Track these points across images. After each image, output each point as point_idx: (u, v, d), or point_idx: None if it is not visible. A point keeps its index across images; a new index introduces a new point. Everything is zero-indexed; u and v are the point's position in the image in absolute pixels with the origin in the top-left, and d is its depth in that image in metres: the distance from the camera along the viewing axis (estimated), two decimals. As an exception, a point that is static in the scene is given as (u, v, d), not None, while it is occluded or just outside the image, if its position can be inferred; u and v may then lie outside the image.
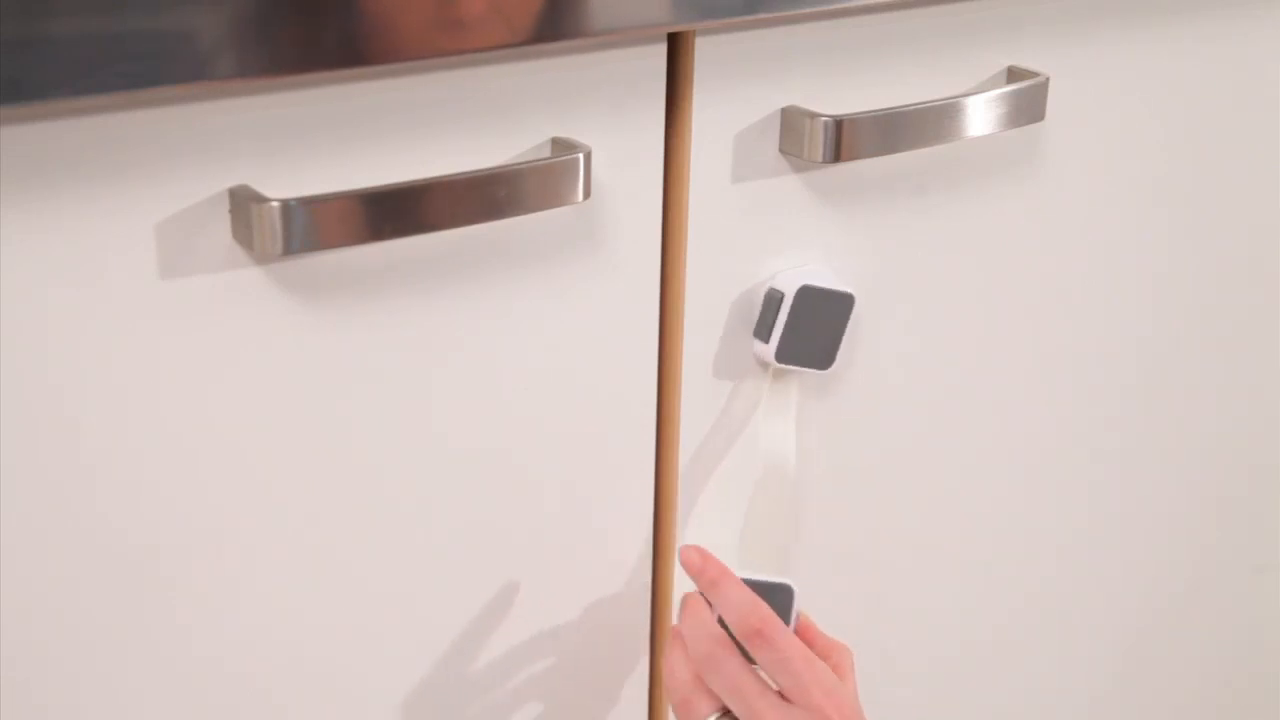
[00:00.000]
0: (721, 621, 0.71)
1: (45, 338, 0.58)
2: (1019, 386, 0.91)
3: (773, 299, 0.75)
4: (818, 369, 0.77)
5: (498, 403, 0.70)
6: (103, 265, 0.58)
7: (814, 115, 0.72)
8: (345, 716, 0.71)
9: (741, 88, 0.72)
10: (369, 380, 0.66)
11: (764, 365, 0.77)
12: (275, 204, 0.58)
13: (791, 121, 0.73)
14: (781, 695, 0.69)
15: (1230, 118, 0.94)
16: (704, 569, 0.72)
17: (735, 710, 0.70)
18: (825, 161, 0.73)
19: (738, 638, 0.70)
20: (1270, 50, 0.93)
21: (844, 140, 0.72)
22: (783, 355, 0.75)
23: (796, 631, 0.73)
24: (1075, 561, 0.98)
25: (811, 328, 0.75)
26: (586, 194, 0.66)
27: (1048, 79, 0.79)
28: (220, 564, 0.65)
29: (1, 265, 0.56)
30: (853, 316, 0.77)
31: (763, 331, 0.76)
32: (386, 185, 0.61)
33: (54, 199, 0.56)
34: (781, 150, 0.74)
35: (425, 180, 0.62)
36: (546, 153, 0.67)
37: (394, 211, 0.61)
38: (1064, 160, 0.86)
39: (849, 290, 0.76)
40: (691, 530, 0.80)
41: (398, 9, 0.58)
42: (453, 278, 0.66)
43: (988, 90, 0.77)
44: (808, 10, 0.71)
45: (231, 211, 0.60)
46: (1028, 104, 0.79)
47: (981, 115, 0.77)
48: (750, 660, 0.70)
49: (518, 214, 0.65)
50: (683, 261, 0.73)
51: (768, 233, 0.76)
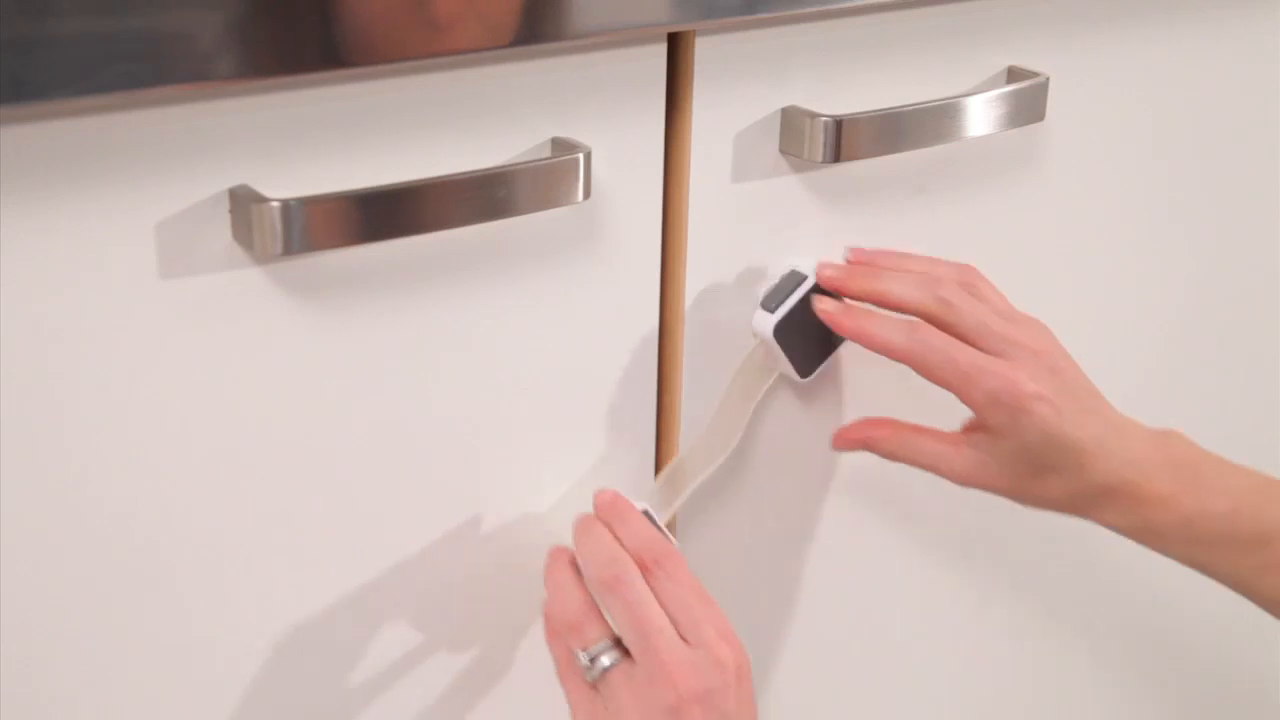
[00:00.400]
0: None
1: (45, 338, 0.58)
2: (1019, 386, 0.91)
3: (794, 277, 0.75)
4: (797, 373, 0.76)
5: (498, 402, 0.70)
6: (103, 265, 0.58)
7: (814, 115, 0.72)
8: (346, 718, 0.71)
9: (741, 88, 0.72)
10: (369, 380, 0.66)
11: (756, 337, 0.76)
12: (275, 204, 0.58)
13: (791, 121, 0.73)
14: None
15: (1230, 117, 0.94)
16: (614, 501, 0.70)
17: (629, 641, 0.66)
18: (825, 161, 0.73)
19: (639, 564, 0.67)
20: (1270, 50, 0.94)
21: (844, 140, 0.72)
22: (779, 331, 0.75)
23: None
24: (1075, 562, 0.98)
25: (813, 326, 0.75)
26: (586, 194, 0.66)
27: (1048, 79, 0.79)
28: (220, 563, 0.65)
29: (1, 265, 0.56)
30: (840, 352, 0.78)
31: (770, 303, 0.75)
32: (386, 185, 0.61)
33: (54, 199, 0.56)
34: (781, 150, 0.74)
35: (425, 180, 0.62)
36: (546, 153, 0.67)
37: (394, 212, 0.61)
38: (1064, 160, 0.86)
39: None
40: (692, 531, 0.80)
41: (398, 9, 0.58)
42: (452, 278, 0.66)
43: (988, 90, 0.77)
44: (808, 10, 0.71)
45: (231, 211, 0.60)
46: (1028, 104, 0.79)
47: (981, 115, 0.77)
48: None
49: (518, 214, 0.65)
50: (683, 261, 0.73)
51: (768, 233, 0.76)
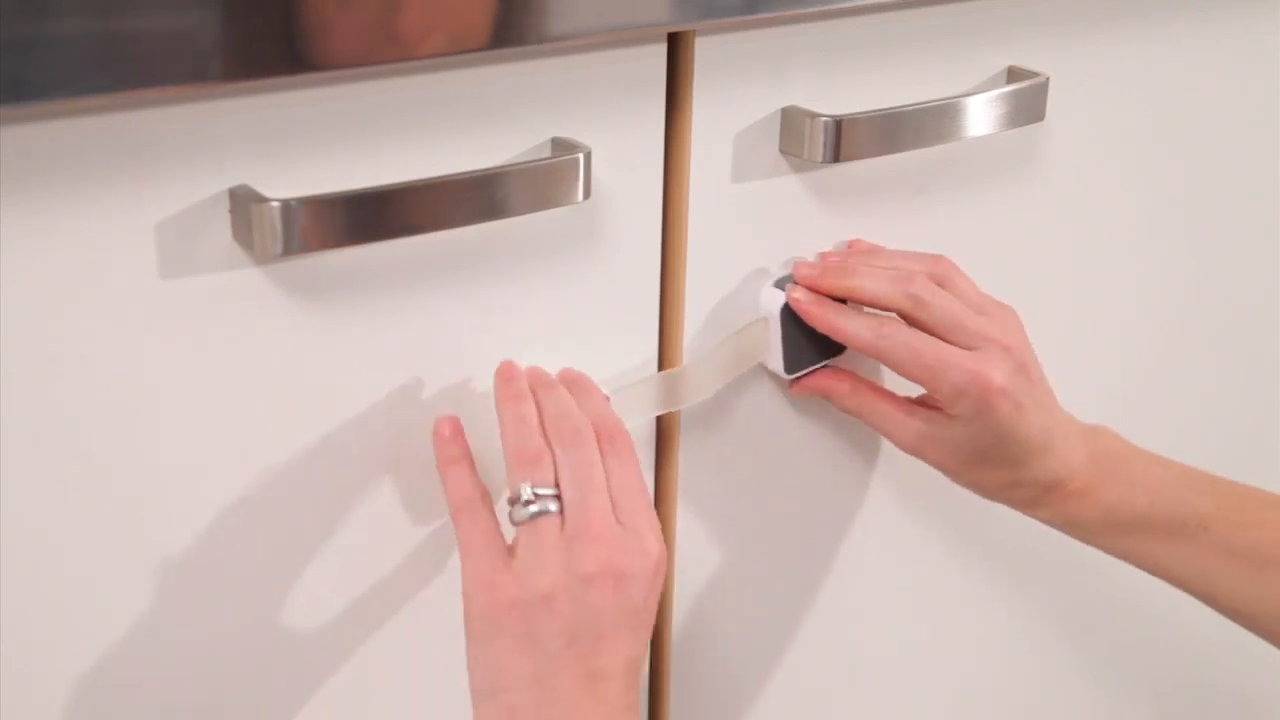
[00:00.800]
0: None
1: (45, 337, 0.58)
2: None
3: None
4: (783, 367, 0.76)
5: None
6: (103, 265, 0.58)
7: (814, 115, 0.72)
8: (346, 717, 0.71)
9: (741, 88, 0.72)
10: (368, 380, 0.66)
11: (760, 313, 0.76)
12: (275, 204, 0.58)
13: (791, 121, 0.73)
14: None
15: (1230, 117, 0.94)
16: (580, 377, 0.69)
17: (569, 495, 0.64)
18: (825, 161, 0.73)
19: (598, 432, 0.66)
20: (1270, 50, 0.94)
21: (844, 140, 0.72)
22: (785, 314, 0.75)
23: None
24: (1077, 562, 0.98)
25: (807, 332, 0.75)
26: (586, 194, 0.66)
27: (1048, 79, 0.79)
28: (221, 562, 0.65)
29: (1, 265, 0.56)
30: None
31: (784, 284, 0.75)
32: (386, 185, 0.61)
33: (54, 199, 0.56)
34: (781, 150, 0.74)
35: (425, 180, 0.62)
36: (546, 153, 0.66)
37: (394, 211, 0.61)
38: (1064, 160, 0.86)
39: None
40: (692, 530, 0.80)
41: (398, 9, 0.58)
42: (453, 278, 0.66)
43: (988, 90, 0.77)
44: (808, 10, 0.71)
45: (231, 211, 0.60)
46: (1028, 104, 0.79)
47: (981, 115, 0.77)
48: None
49: (518, 214, 0.65)
50: (683, 261, 0.73)
51: (768, 233, 0.76)
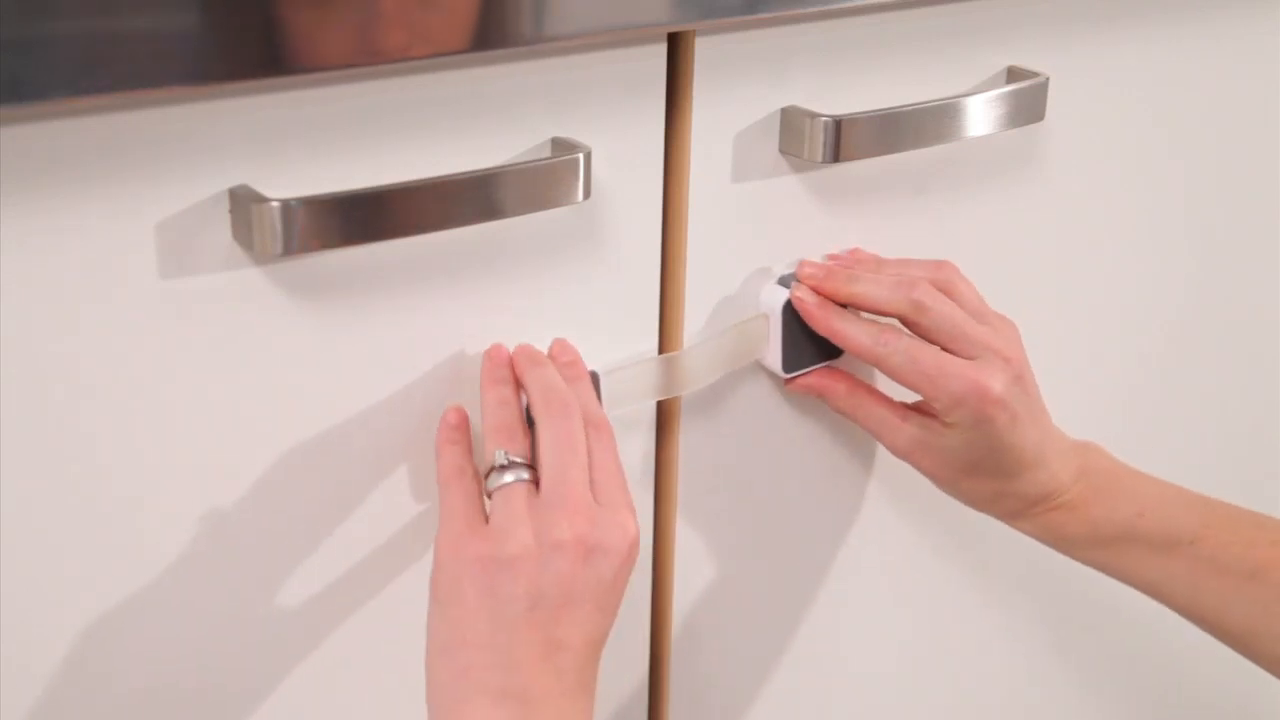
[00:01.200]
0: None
1: (45, 338, 0.58)
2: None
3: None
4: (781, 366, 0.76)
5: (498, 403, 0.70)
6: (103, 265, 0.58)
7: (814, 115, 0.72)
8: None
9: (741, 88, 0.72)
10: (368, 380, 0.66)
11: (761, 309, 0.76)
12: (275, 204, 0.58)
13: (791, 121, 0.73)
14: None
15: (1230, 117, 0.94)
16: (575, 361, 0.69)
17: (548, 465, 0.63)
18: (825, 161, 0.73)
19: (583, 417, 0.65)
20: (1270, 50, 0.94)
21: (844, 140, 0.72)
22: (787, 312, 0.75)
23: None
24: (1071, 566, 0.98)
25: (807, 332, 0.75)
26: (586, 194, 0.66)
27: (1048, 79, 0.79)
28: (221, 562, 0.65)
29: (2, 265, 0.56)
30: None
31: (787, 282, 0.75)
32: (386, 185, 0.61)
33: (54, 199, 0.56)
34: (781, 150, 0.74)
35: (425, 180, 0.62)
36: (546, 153, 0.66)
37: (394, 211, 0.61)
38: (1064, 160, 0.86)
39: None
40: (691, 530, 0.80)
41: (398, 8, 0.58)
42: (453, 278, 0.66)
43: (988, 90, 0.77)
44: (808, 10, 0.71)
45: (231, 211, 0.60)
46: (1028, 104, 0.79)
47: (981, 115, 0.77)
48: None
49: (518, 214, 0.65)
50: (683, 261, 0.73)
51: (768, 233, 0.76)
